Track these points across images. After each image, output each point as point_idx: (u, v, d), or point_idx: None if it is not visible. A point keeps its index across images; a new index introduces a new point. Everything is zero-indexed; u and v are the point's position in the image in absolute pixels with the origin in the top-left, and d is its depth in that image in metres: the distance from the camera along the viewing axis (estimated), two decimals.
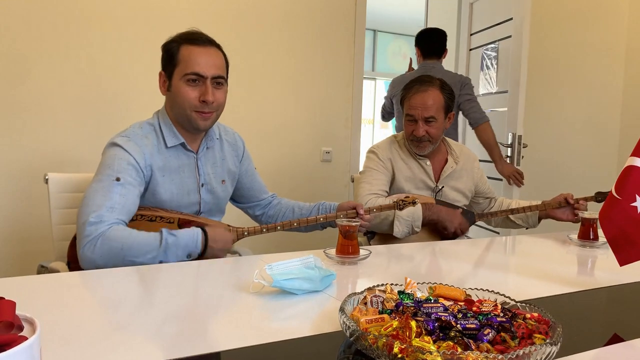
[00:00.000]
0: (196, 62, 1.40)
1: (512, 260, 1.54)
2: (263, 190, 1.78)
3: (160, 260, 1.29)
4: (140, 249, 1.27)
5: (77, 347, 0.76)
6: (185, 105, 1.42)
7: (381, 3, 7.06)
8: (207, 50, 1.42)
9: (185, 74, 1.40)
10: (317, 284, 1.04)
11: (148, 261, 1.28)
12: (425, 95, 1.85)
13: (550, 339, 0.70)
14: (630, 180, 1.10)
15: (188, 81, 1.41)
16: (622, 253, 1.13)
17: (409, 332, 0.69)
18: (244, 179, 1.70)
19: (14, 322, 0.51)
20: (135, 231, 1.30)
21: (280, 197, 1.82)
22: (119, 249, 1.26)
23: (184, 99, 1.41)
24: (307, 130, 3.02)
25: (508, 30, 3.10)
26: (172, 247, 1.29)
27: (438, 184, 1.96)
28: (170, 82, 1.44)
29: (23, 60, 2.32)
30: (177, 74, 1.42)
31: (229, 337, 0.81)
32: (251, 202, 1.77)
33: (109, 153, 1.39)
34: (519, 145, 2.96)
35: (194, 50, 1.41)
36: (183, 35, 1.44)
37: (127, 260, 1.27)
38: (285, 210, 1.76)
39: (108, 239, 1.26)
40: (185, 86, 1.41)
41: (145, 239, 1.29)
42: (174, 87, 1.42)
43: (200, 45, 1.42)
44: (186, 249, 1.32)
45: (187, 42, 1.42)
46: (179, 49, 1.42)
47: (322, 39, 3.00)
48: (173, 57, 1.42)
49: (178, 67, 1.41)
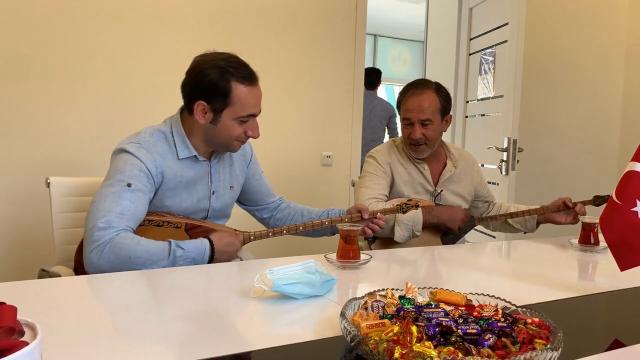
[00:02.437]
0: (252, 104, 1.42)
1: (513, 265, 1.54)
2: (270, 194, 1.78)
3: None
4: (148, 258, 1.27)
5: (78, 352, 0.76)
6: (231, 139, 1.45)
7: (382, 8, 7.08)
8: (257, 89, 1.44)
9: (240, 116, 1.42)
10: (318, 288, 1.04)
11: (155, 270, 1.28)
12: (421, 98, 1.86)
13: (551, 344, 0.70)
14: (630, 186, 1.10)
15: (240, 121, 1.43)
16: (623, 258, 1.13)
17: (409, 337, 0.69)
18: (251, 182, 1.70)
19: (15, 327, 0.51)
20: (143, 239, 1.30)
21: (289, 201, 1.82)
22: (126, 257, 1.26)
23: (231, 135, 1.44)
24: (308, 134, 3.03)
25: (505, 35, 3.12)
26: (179, 260, 1.30)
27: (437, 187, 1.96)
28: (218, 117, 1.42)
29: (25, 62, 2.32)
30: (230, 113, 1.41)
31: (229, 342, 0.81)
32: (259, 205, 1.77)
33: (120, 158, 1.39)
34: (514, 149, 2.97)
35: (248, 92, 1.41)
36: (228, 69, 1.40)
37: (134, 269, 1.27)
38: (295, 214, 1.75)
39: (116, 246, 1.26)
40: (236, 124, 1.43)
41: (154, 249, 1.29)
42: (223, 124, 1.42)
43: (253, 85, 1.42)
44: (193, 261, 1.33)
45: (238, 79, 1.40)
46: (230, 87, 1.39)
47: (323, 43, 3.01)
48: (226, 96, 1.39)
49: (232, 107, 1.40)
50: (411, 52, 8.77)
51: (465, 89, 3.72)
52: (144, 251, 1.28)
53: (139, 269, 1.26)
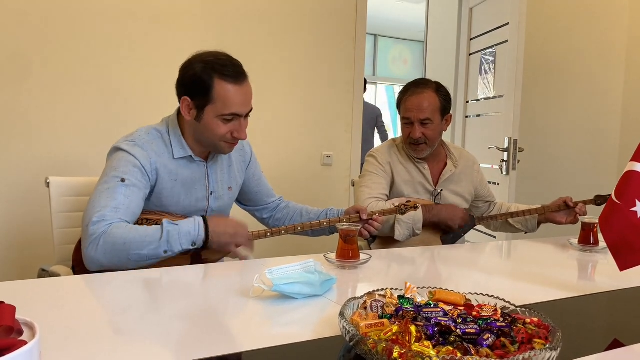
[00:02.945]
0: (234, 102, 1.37)
1: (512, 264, 1.54)
2: (270, 194, 1.78)
3: (164, 250, 1.28)
4: (142, 240, 1.26)
5: (77, 351, 0.76)
6: (216, 138, 1.41)
7: (382, 8, 7.08)
8: (243, 89, 1.39)
9: (222, 114, 1.38)
10: (317, 288, 1.04)
11: (152, 253, 1.27)
12: (421, 98, 1.86)
13: (550, 344, 0.69)
14: (630, 185, 1.10)
15: (224, 120, 1.39)
16: (622, 258, 1.13)
17: (408, 337, 0.69)
18: (250, 182, 1.70)
19: (13, 327, 0.51)
20: (136, 226, 1.30)
21: (288, 201, 1.82)
22: (122, 244, 1.25)
23: (215, 133, 1.40)
24: (308, 134, 3.02)
25: (505, 35, 3.12)
26: (174, 234, 1.28)
27: (437, 187, 1.96)
28: (201, 114, 1.39)
29: (24, 62, 2.32)
30: (211, 110, 1.38)
31: (229, 342, 0.81)
32: (258, 206, 1.77)
33: (115, 157, 1.39)
34: (514, 149, 2.97)
35: (231, 89, 1.36)
36: (214, 64, 1.36)
37: (132, 255, 1.26)
38: (294, 214, 1.75)
39: (110, 236, 1.26)
40: (219, 123, 1.39)
41: (147, 231, 1.28)
42: (206, 121, 1.39)
43: (237, 83, 1.37)
44: (188, 236, 1.30)
45: (222, 76, 1.36)
46: (212, 84, 1.35)
47: (323, 43, 3.01)
48: (207, 92, 1.36)
49: (213, 105, 1.37)
50: (411, 52, 8.78)
51: (466, 89, 3.71)
52: (138, 234, 1.27)
53: (137, 254, 1.26)
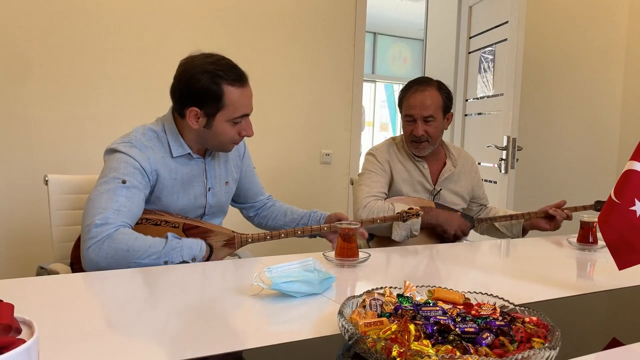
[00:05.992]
0: (242, 104, 1.42)
1: (511, 263, 1.54)
2: (260, 192, 1.78)
3: (164, 260, 1.29)
4: (146, 250, 1.27)
5: (75, 349, 0.75)
6: (226, 140, 1.45)
7: (381, 6, 7.07)
8: (247, 90, 1.44)
9: (233, 117, 1.42)
10: (316, 286, 1.04)
11: (153, 262, 1.28)
12: (424, 95, 1.86)
13: (549, 343, 0.69)
14: (629, 184, 1.10)
15: (233, 123, 1.43)
16: (621, 257, 1.13)
17: (407, 336, 0.69)
18: (243, 179, 1.71)
19: (11, 325, 0.50)
20: (141, 235, 1.30)
21: (275, 200, 1.82)
22: (124, 250, 1.26)
23: (226, 136, 1.44)
24: (307, 132, 3.02)
25: (504, 34, 3.12)
26: (176, 247, 1.30)
27: (436, 186, 1.96)
28: (211, 121, 1.42)
29: (24, 61, 2.32)
30: (223, 116, 1.41)
31: (227, 340, 0.81)
32: (246, 203, 1.78)
33: (113, 158, 1.39)
34: (513, 148, 2.97)
35: (238, 93, 1.41)
36: (218, 72, 1.39)
37: (132, 263, 1.27)
38: (278, 213, 1.76)
39: (114, 241, 1.26)
40: (229, 126, 1.43)
41: (152, 242, 1.29)
42: (217, 127, 1.42)
43: (241, 86, 1.42)
44: (190, 251, 1.32)
45: (229, 82, 1.39)
46: (223, 91, 1.39)
47: (322, 41, 3.01)
48: (218, 99, 1.39)
49: (225, 110, 1.41)
50: (411, 50, 8.76)
51: (465, 88, 3.71)
52: (142, 245, 1.28)
53: (134, 263, 1.26)
